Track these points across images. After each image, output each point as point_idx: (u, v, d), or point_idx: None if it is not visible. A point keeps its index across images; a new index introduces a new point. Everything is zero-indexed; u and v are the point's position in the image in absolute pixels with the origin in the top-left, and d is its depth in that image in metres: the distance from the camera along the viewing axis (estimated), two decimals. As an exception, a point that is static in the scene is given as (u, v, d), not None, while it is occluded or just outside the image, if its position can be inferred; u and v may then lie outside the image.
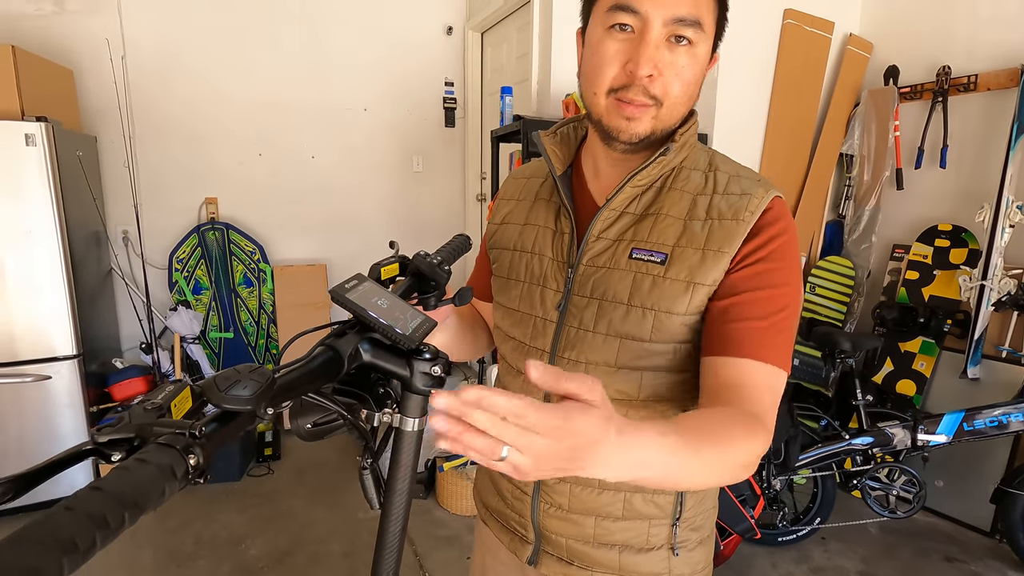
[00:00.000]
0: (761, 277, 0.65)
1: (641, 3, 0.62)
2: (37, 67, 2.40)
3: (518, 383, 0.79)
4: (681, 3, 0.62)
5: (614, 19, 0.63)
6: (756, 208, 0.67)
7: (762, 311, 0.64)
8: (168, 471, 0.28)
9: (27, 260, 2.32)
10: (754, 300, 0.64)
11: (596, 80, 0.66)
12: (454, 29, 3.56)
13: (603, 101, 0.66)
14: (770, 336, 0.64)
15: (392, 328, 0.47)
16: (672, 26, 0.62)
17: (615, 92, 0.65)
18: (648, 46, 0.62)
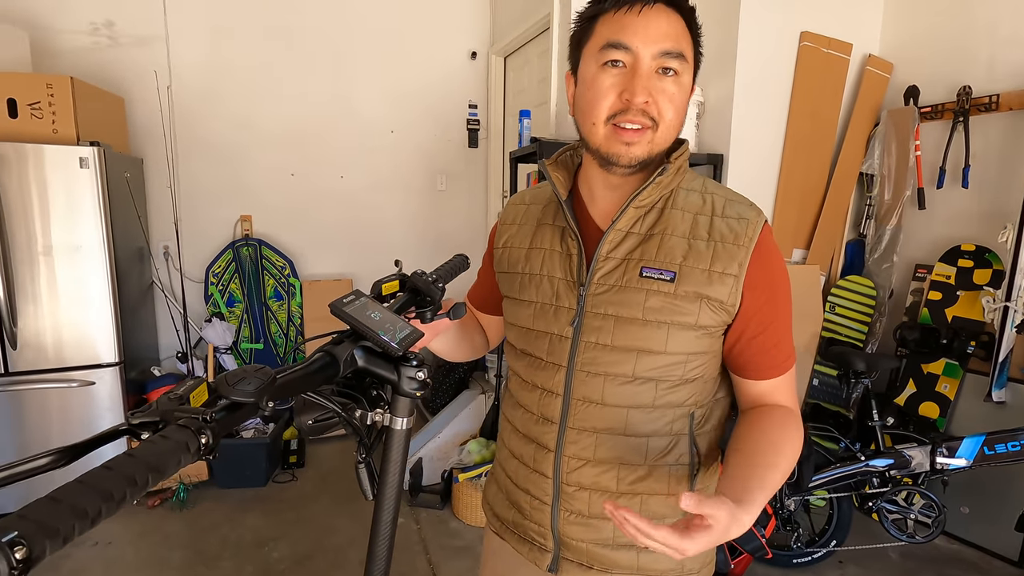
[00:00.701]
0: (768, 310, 0.76)
1: (632, 40, 0.70)
2: (92, 96, 2.60)
3: (533, 396, 0.84)
4: (666, 38, 0.70)
5: (607, 56, 0.71)
6: (753, 234, 0.75)
7: (774, 338, 0.78)
8: (184, 446, 0.35)
9: (77, 274, 2.50)
10: (766, 332, 0.77)
11: (594, 111, 0.73)
12: (478, 54, 3.69)
13: (602, 130, 0.73)
14: (782, 351, 0.79)
15: (381, 337, 0.54)
16: (660, 59, 0.70)
17: (613, 119, 0.72)
18: (641, 77, 0.70)
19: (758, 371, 0.79)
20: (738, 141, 2.61)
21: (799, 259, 2.84)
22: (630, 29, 0.69)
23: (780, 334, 0.78)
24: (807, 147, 2.74)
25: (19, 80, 2.37)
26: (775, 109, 2.66)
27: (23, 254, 2.41)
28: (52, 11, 2.86)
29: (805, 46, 2.63)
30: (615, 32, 0.70)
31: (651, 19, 0.69)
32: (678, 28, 0.71)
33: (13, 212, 2.37)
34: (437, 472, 2.76)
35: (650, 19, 0.69)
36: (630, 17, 0.70)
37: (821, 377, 2.81)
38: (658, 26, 0.69)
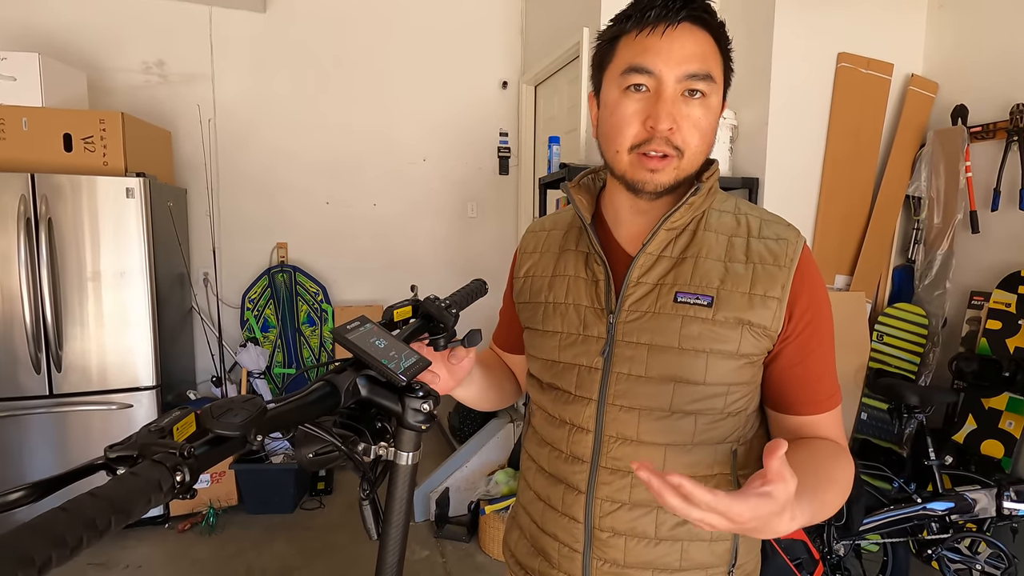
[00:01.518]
0: (814, 338, 0.71)
1: (655, 63, 0.66)
2: (141, 130, 2.73)
3: (561, 433, 0.78)
4: (692, 59, 0.66)
5: (629, 80, 0.68)
6: (794, 254, 0.71)
7: (815, 370, 0.72)
8: (155, 484, 0.33)
9: (121, 299, 2.58)
10: (806, 362, 0.72)
11: (617, 139, 0.70)
12: (509, 83, 3.74)
13: (626, 157, 0.70)
14: (824, 385, 0.73)
15: (385, 366, 0.51)
16: (685, 82, 0.67)
17: (637, 148, 0.69)
18: (666, 102, 0.66)
19: (795, 405, 0.73)
20: (774, 164, 2.54)
21: (842, 285, 2.71)
22: (653, 51, 0.66)
23: (822, 366, 0.72)
24: (848, 170, 2.64)
25: (74, 116, 2.52)
26: (812, 131, 2.59)
27: (73, 280, 2.51)
28: (108, 52, 3.04)
29: (843, 67, 2.56)
30: (637, 55, 0.67)
31: (675, 40, 0.66)
32: (705, 47, 0.67)
33: (66, 239, 2.48)
34: (464, 503, 2.70)
35: (674, 40, 0.66)
36: (653, 39, 0.66)
37: (870, 411, 2.64)
38: (683, 47, 0.66)
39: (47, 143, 2.47)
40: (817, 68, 2.55)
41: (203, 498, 2.75)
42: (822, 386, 0.72)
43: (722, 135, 2.56)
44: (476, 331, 0.71)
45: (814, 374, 0.72)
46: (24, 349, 2.46)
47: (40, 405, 2.51)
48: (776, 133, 2.52)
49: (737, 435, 0.74)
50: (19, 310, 2.43)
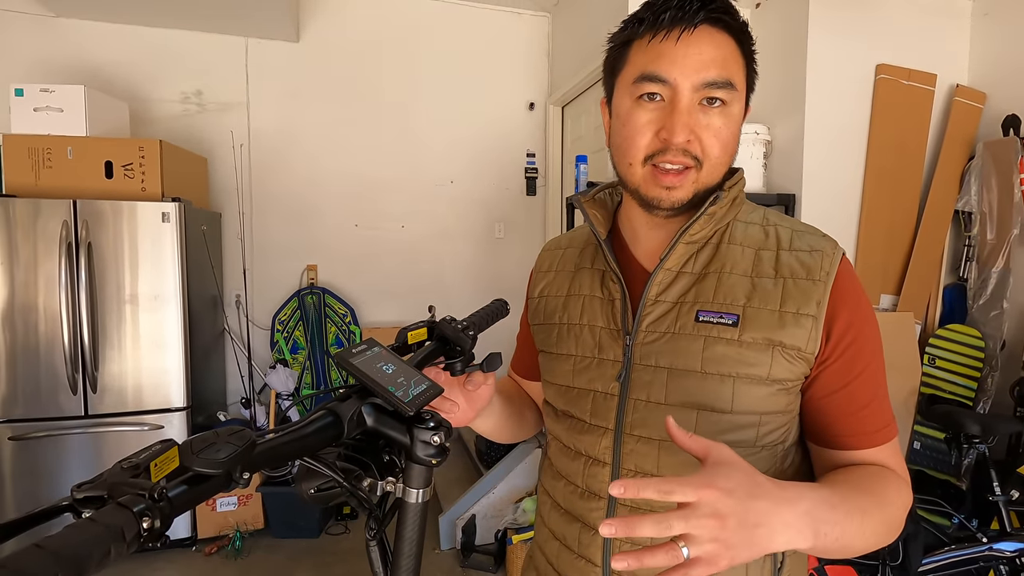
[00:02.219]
0: (859, 360, 0.64)
1: (669, 71, 0.61)
2: (178, 156, 2.81)
3: (576, 465, 0.72)
4: (710, 66, 0.61)
5: (642, 89, 0.63)
6: (830, 267, 0.64)
7: (861, 396, 0.64)
8: (117, 533, 0.29)
9: (155, 321, 2.63)
10: (850, 388, 0.64)
11: (629, 151, 0.65)
12: (536, 105, 3.75)
13: (639, 171, 0.65)
14: (875, 415, 0.64)
15: (391, 394, 0.47)
16: (703, 90, 0.61)
17: (651, 159, 0.64)
18: (681, 113, 0.61)
19: (839, 438, 0.64)
20: (811, 180, 2.45)
21: (888, 306, 2.57)
22: (667, 58, 0.61)
23: (870, 391, 0.64)
24: (891, 184, 2.52)
25: (115, 144, 2.61)
26: (851, 145, 2.49)
27: (110, 302, 2.57)
28: (150, 84, 3.17)
29: (883, 79, 2.46)
30: (650, 62, 0.62)
31: (692, 45, 0.60)
32: (725, 51, 0.62)
33: (105, 263, 2.55)
34: (491, 531, 2.62)
35: (691, 45, 0.60)
36: (667, 44, 0.61)
37: (923, 439, 2.47)
38: (700, 52, 0.60)
39: (90, 170, 2.56)
40: (854, 80, 2.47)
41: (230, 521, 2.73)
42: (871, 415, 0.64)
43: (755, 151, 2.48)
44: (496, 355, 0.67)
45: (859, 401, 0.64)
46: (63, 370, 2.52)
47: (76, 425, 2.56)
48: (813, 148, 2.43)
49: (773, 471, 0.66)
50: (59, 332, 2.50)
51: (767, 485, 0.46)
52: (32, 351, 2.50)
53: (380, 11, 3.46)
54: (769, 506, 0.44)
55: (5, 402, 2.48)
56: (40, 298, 2.49)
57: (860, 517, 0.53)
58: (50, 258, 2.48)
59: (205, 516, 2.72)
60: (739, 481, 0.44)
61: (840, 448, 0.65)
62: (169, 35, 3.18)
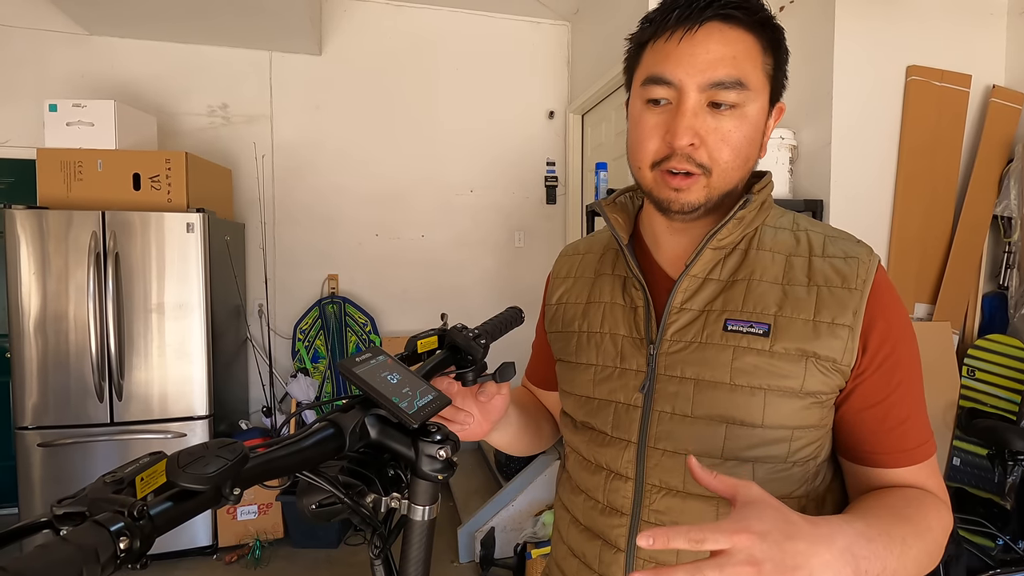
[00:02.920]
0: (897, 373, 0.61)
1: (674, 72, 0.59)
2: (203, 168, 2.87)
3: (597, 479, 0.69)
4: (718, 65, 0.58)
5: (649, 93, 0.61)
6: (867, 275, 0.60)
7: (898, 412, 0.61)
8: (91, 554, 0.27)
9: (179, 330, 2.67)
10: (887, 402, 0.60)
11: (639, 155, 0.63)
12: (556, 113, 3.73)
13: (649, 174, 0.63)
14: (912, 431, 0.61)
15: (396, 404, 0.45)
16: (710, 91, 0.58)
17: (659, 164, 0.62)
18: (685, 115, 0.59)
19: (875, 455, 0.61)
20: (839, 186, 2.37)
21: (923, 315, 2.47)
22: (673, 59, 0.59)
23: (908, 406, 0.61)
24: (925, 189, 2.43)
25: (143, 157, 2.67)
26: (882, 149, 2.41)
27: (138, 312, 2.62)
28: (178, 97, 3.25)
29: (913, 80, 2.38)
30: (657, 64, 0.60)
31: (698, 44, 0.58)
32: (738, 48, 0.58)
33: (133, 273, 2.60)
34: (510, 544, 2.57)
35: (696, 44, 0.58)
36: (672, 44, 0.59)
37: (963, 455, 2.35)
38: (707, 51, 0.58)
39: (118, 182, 2.62)
40: (884, 83, 2.39)
41: (250, 530, 2.74)
42: (908, 431, 0.60)
43: (781, 156, 2.42)
44: (509, 364, 0.64)
45: (897, 416, 0.60)
46: (90, 378, 2.57)
47: (103, 433, 2.60)
48: (841, 152, 2.36)
49: (805, 489, 0.63)
50: (87, 340, 2.55)
51: (801, 524, 0.43)
52: (62, 359, 2.55)
53: (401, 23, 3.50)
54: (806, 547, 0.41)
55: (36, 410, 2.54)
56: (71, 307, 2.55)
57: (900, 548, 0.49)
58: (80, 268, 2.54)
59: (226, 524, 2.73)
60: (773, 522, 0.41)
61: (875, 465, 0.61)
62: (197, 50, 3.26)
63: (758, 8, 0.59)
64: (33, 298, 2.52)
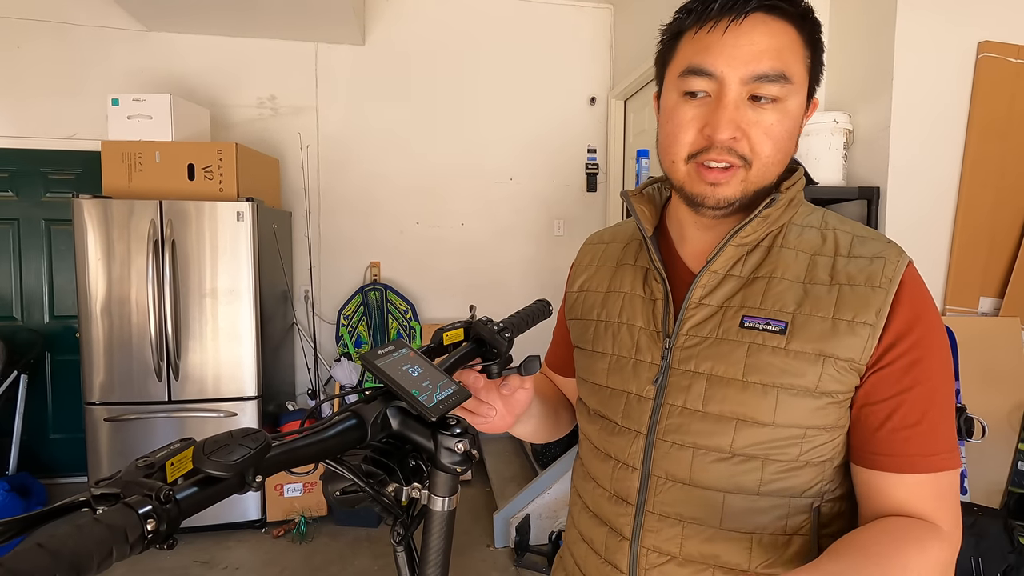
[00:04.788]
0: (912, 373, 0.57)
1: (716, 63, 0.57)
2: (252, 158, 2.97)
3: (606, 468, 0.70)
4: (762, 58, 0.56)
5: (688, 85, 0.59)
6: (893, 275, 0.58)
7: (913, 413, 0.57)
8: (120, 534, 0.28)
9: (231, 314, 2.79)
10: (907, 401, 0.57)
11: (672, 148, 0.62)
12: (597, 99, 3.67)
13: (683, 168, 0.62)
14: (929, 437, 0.57)
15: (415, 398, 0.45)
16: (753, 84, 0.57)
17: (695, 157, 0.60)
18: (727, 108, 0.57)
19: (870, 455, 0.58)
20: (898, 172, 2.24)
21: (989, 309, 2.32)
22: (715, 50, 0.57)
23: (921, 410, 0.57)
24: (994, 175, 2.27)
25: (197, 148, 2.79)
26: (947, 132, 2.26)
27: (192, 296, 2.76)
28: (229, 90, 3.36)
29: (985, 57, 2.22)
30: (697, 54, 0.59)
31: (742, 35, 0.56)
32: (782, 40, 0.57)
33: (188, 259, 2.73)
34: (545, 532, 2.59)
35: (740, 36, 0.56)
36: (715, 35, 0.57)
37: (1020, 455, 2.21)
38: (751, 43, 0.56)
39: (174, 173, 2.75)
40: (952, 60, 2.23)
41: (296, 506, 2.86)
42: (917, 436, 0.56)
43: (835, 141, 2.30)
44: (534, 358, 0.64)
45: (904, 418, 0.57)
46: (150, 358, 2.72)
47: (161, 410, 2.76)
48: (901, 136, 2.23)
49: (819, 489, 0.61)
50: (146, 323, 2.70)
51: None
52: (125, 340, 2.72)
53: (442, 11, 3.50)
54: None
55: (102, 387, 2.72)
56: (132, 291, 2.70)
57: None
58: (140, 254, 2.68)
59: (274, 500, 2.86)
60: None
61: (872, 467, 0.58)
62: (247, 44, 3.36)
63: (800, 0, 0.58)
64: (99, 282, 2.69)
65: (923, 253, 2.26)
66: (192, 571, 2.46)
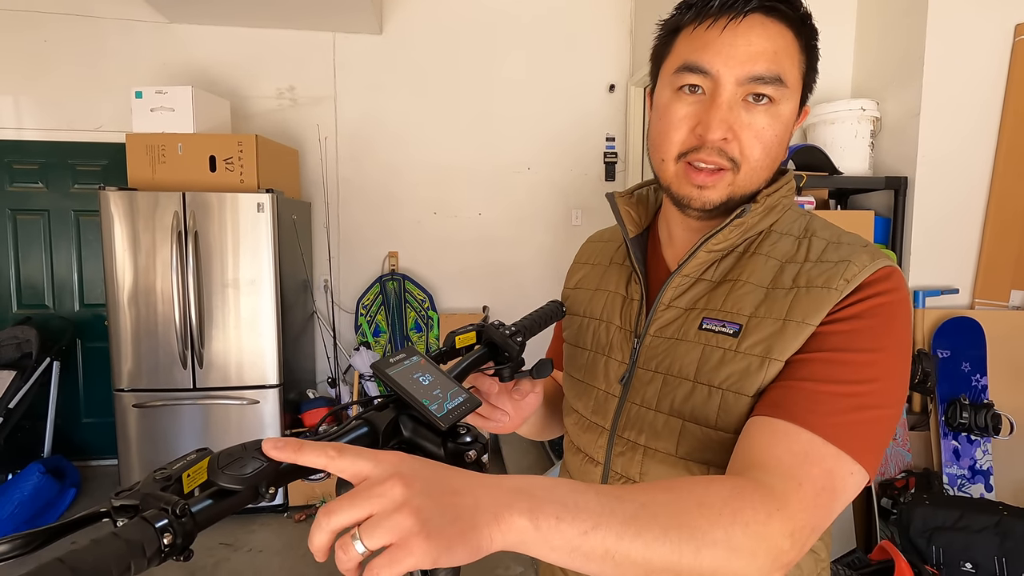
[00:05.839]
0: (846, 337, 0.53)
1: (712, 62, 0.56)
2: (272, 150, 3.00)
3: (576, 461, 0.73)
4: (758, 59, 0.56)
5: (682, 80, 0.59)
6: (853, 276, 0.55)
7: (837, 375, 0.52)
8: (138, 549, 0.29)
9: (252, 304, 2.85)
10: (829, 360, 0.53)
11: (663, 146, 0.61)
12: (616, 86, 3.62)
13: (672, 167, 0.61)
14: (841, 406, 0.50)
15: (425, 407, 0.46)
16: (748, 85, 0.56)
17: (684, 156, 0.60)
18: (720, 108, 0.57)
19: (790, 407, 0.51)
20: (928, 161, 2.17)
21: (1021, 303, 2.25)
22: (712, 48, 0.57)
23: (857, 380, 0.51)
24: (1030, 164, 2.19)
25: (218, 140, 2.82)
26: (980, 120, 2.18)
27: (215, 287, 2.81)
28: (248, 81, 3.39)
29: (1022, 40, 2.12)
30: (693, 51, 0.58)
31: (740, 35, 0.56)
32: (779, 43, 0.57)
33: (210, 250, 2.78)
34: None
35: (738, 35, 0.56)
36: (713, 33, 0.57)
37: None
38: (748, 43, 0.56)
39: (196, 164, 2.79)
40: (986, 44, 2.15)
41: (317, 492, 2.93)
42: (838, 394, 0.50)
43: (861, 129, 2.24)
44: (546, 362, 0.64)
45: (828, 375, 0.51)
46: (175, 347, 2.79)
47: (187, 397, 2.83)
48: (931, 124, 2.16)
49: None
50: (171, 312, 2.77)
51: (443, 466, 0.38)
52: (151, 329, 2.79)
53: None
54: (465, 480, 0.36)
55: (130, 374, 2.80)
56: (157, 281, 2.77)
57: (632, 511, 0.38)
58: (164, 245, 2.74)
59: (295, 486, 2.92)
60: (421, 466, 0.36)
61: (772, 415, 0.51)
62: (266, 34, 3.38)
63: (799, 4, 0.57)
64: (126, 273, 2.75)
65: (952, 245, 2.19)
66: (217, 552, 2.54)
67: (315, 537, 0.34)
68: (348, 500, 0.33)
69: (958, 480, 2.02)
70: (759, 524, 0.42)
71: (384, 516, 0.32)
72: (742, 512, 0.42)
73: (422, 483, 0.34)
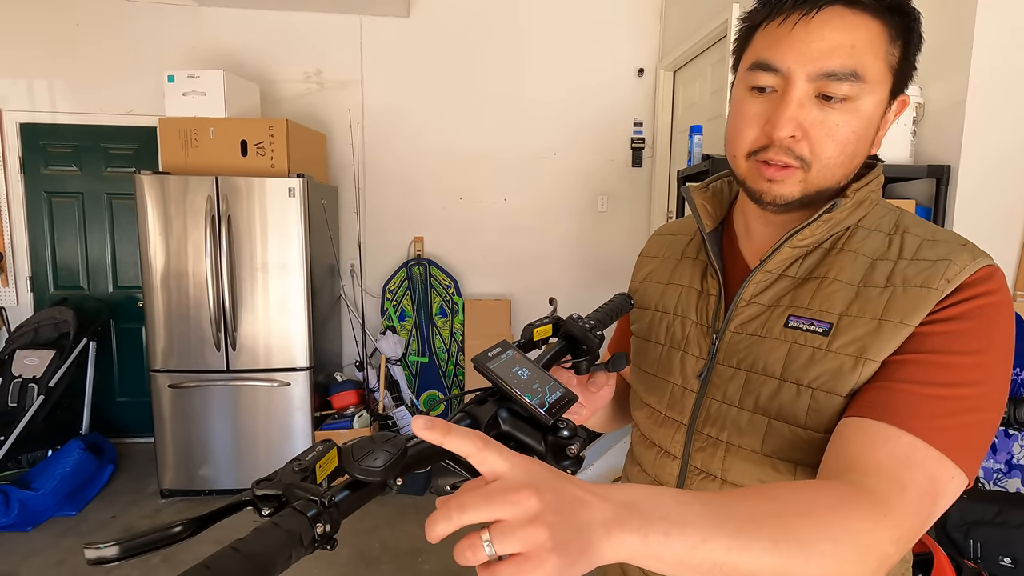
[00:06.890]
0: (946, 339, 0.52)
1: (783, 59, 0.55)
2: (301, 134, 3.01)
3: (650, 455, 0.72)
4: (833, 54, 0.53)
5: (754, 80, 0.58)
6: (955, 276, 0.54)
7: (939, 377, 0.50)
8: (296, 538, 0.30)
9: (282, 287, 2.88)
10: (930, 362, 0.51)
11: (735, 143, 0.61)
12: (645, 70, 3.56)
13: (743, 164, 0.61)
14: (944, 410, 0.49)
15: (529, 402, 0.46)
16: (820, 81, 0.54)
17: (755, 154, 0.59)
18: (789, 106, 0.55)
19: (884, 408, 0.50)
20: (972, 149, 2.12)
21: (1064, 297, 2.20)
22: (784, 45, 0.55)
23: (954, 382, 0.50)
24: (1080, 153, 2.12)
25: (249, 124, 2.84)
26: (1029, 107, 2.11)
27: (246, 270, 2.85)
28: (276, 65, 3.40)
29: (1079, 24, 2.05)
30: (765, 48, 0.57)
31: (813, 31, 0.54)
32: (859, 36, 0.54)
33: (242, 234, 2.82)
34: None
35: (811, 31, 0.54)
36: (784, 29, 0.55)
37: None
38: (822, 39, 0.53)
39: (228, 149, 2.81)
40: (1038, 28, 2.07)
41: (346, 473, 2.99)
42: (935, 396, 0.49)
43: (904, 116, 2.18)
44: (622, 355, 0.64)
45: (925, 377, 0.50)
46: (208, 329, 2.85)
47: (220, 378, 2.89)
48: (977, 111, 2.10)
49: None
50: (204, 295, 2.81)
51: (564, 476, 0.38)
52: (184, 311, 2.84)
53: (487, -20, 3.43)
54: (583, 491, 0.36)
55: (164, 354, 2.86)
56: (190, 265, 2.81)
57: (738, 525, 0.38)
58: (197, 229, 2.78)
59: (325, 466, 2.99)
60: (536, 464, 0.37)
61: (862, 416, 0.51)
62: (293, 17, 3.37)
63: None
64: (159, 256, 2.80)
65: (995, 235, 2.15)
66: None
67: (440, 525, 0.35)
68: (484, 500, 0.34)
69: (994, 474, 2.00)
70: (866, 532, 0.42)
71: (518, 526, 0.33)
72: (849, 520, 0.42)
73: (552, 496, 0.34)
